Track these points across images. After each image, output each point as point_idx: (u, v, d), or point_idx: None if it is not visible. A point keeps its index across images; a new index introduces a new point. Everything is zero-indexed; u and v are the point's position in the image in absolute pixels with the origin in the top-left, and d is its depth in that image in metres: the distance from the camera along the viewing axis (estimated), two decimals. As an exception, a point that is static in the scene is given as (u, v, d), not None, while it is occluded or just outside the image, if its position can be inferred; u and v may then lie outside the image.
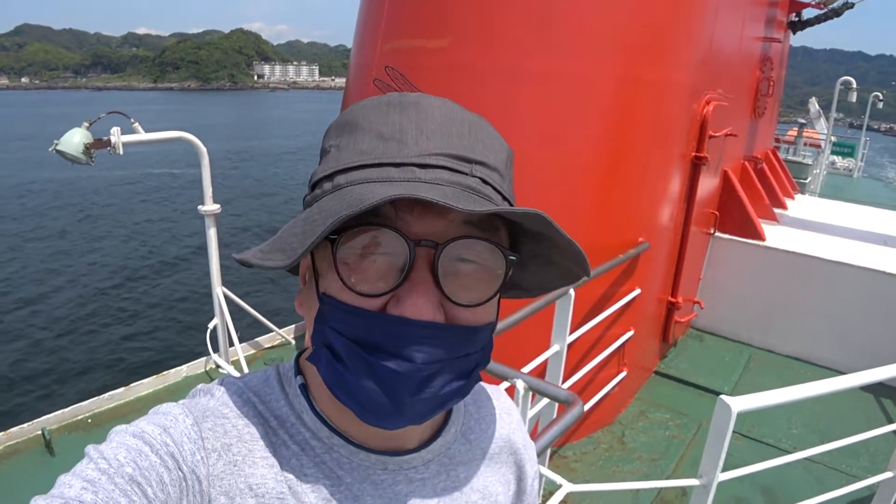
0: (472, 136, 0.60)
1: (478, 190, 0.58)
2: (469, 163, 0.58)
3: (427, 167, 0.56)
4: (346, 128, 0.61)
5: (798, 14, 7.22)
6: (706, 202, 5.10)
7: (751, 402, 2.15)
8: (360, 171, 0.58)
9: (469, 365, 0.61)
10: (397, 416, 0.59)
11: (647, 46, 3.77)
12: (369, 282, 0.56)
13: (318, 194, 0.61)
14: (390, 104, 0.61)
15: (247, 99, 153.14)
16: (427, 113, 0.60)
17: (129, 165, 28.91)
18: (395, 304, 0.56)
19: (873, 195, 14.32)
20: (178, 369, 4.72)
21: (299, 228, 0.57)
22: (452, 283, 0.57)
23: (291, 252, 0.54)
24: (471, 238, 0.57)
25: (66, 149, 3.60)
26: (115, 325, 11.68)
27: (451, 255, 0.57)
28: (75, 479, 0.52)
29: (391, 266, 0.56)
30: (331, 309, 0.58)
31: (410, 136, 0.58)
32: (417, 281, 0.56)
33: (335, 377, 0.59)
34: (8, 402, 8.86)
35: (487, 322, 0.62)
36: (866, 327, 4.98)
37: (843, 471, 3.82)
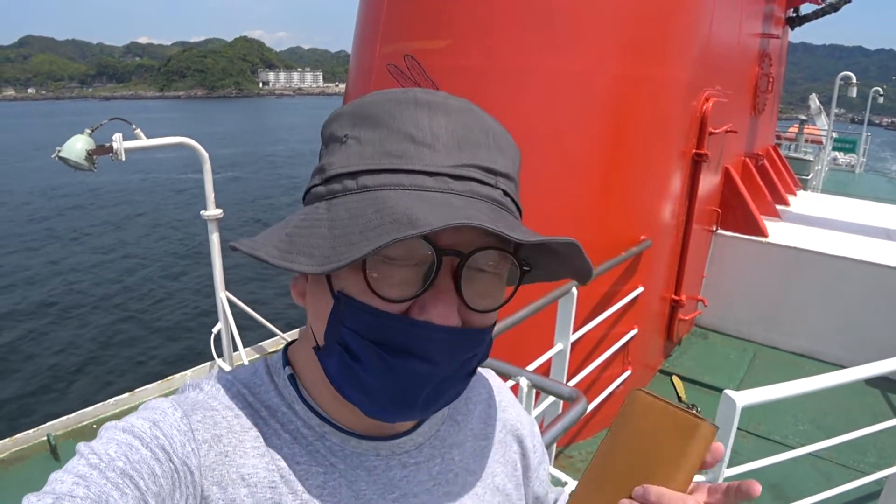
0: (496, 145, 0.61)
1: (501, 203, 0.59)
2: (495, 175, 0.60)
3: (461, 179, 0.57)
4: (367, 121, 0.60)
5: (796, 9, 7.22)
6: (708, 199, 5.09)
7: (755, 397, 2.14)
8: (390, 175, 0.57)
9: (474, 363, 0.64)
10: (409, 413, 0.61)
11: (646, 44, 3.78)
12: (395, 287, 0.57)
13: (336, 190, 0.59)
14: (417, 103, 0.60)
15: (255, 105, 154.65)
16: (454, 117, 0.60)
17: (136, 170, 29.03)
18: (420, 310, 0.57)
19: (876, 190, 14.28)
20: (183, 374, 4.74)
21: (325, 230, 0.56)
22: (471, 291, 0.58)
23: (323, 259, 0.53)
24: (492, 249, 0.58)
25: (68, 156, 3.62)
26: (119, 330, 11.71)
27: (472, 265, 0.58)
28: (67, 475, 0.53)
29: (416, 272, 0.57)
30: (350, 310, 0.58)
31: (441, 142, 0.58)
32: (441, 289, 0.57)
33: (348, 375, 0.59)
34: (14, 408, 8.89)
35: (494, 323, 0.65)
36: (871, 322, 4.97)
37: (851, 466, 3.81)
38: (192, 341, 10.95)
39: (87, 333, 11.55)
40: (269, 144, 48.65)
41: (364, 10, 4.19)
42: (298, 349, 0.70)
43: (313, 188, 0.62)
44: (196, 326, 11.51)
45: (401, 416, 0.62)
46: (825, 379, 2.29)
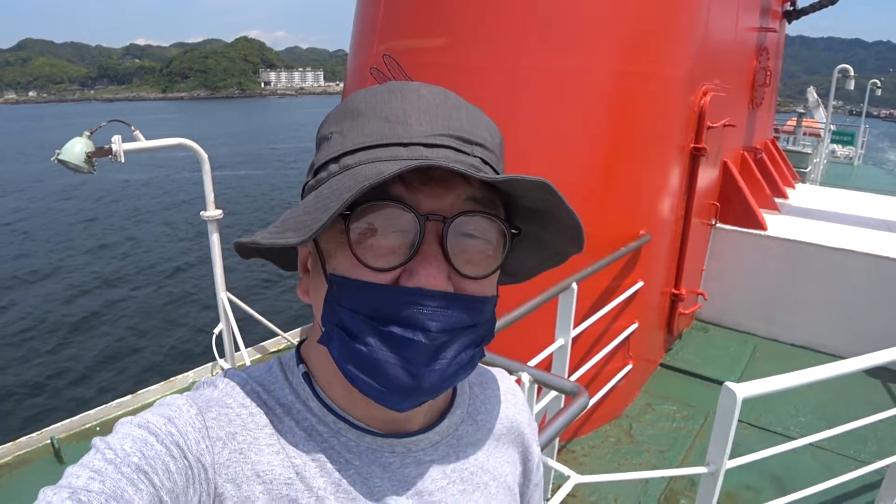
0: (471, 121, 0.63)
1: (479, 168, 0.60)
2: (470, 143, 0.61)
3: (433, 146, 0.59)
4: (349, 114, 0.63)
5: (793, 3, 7.21)
6: (706, 193, 5.10)
7: (756, 388, 2.15)
8: (368, 152, 0.59)
9: (476, 337, 0.63)
10: (414, 391, 0.60)
11: (642, 39, 3.78)
12: (382, 257, 0.58)
13: (323, 177, 0.62)
14: (391, 91, 0.63)
15: (259, 105, 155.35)
16: (427, 99, 0.62)
17: (140, 170, 29.02)
18: (409, 277, 0.58)
19: (874, 182, 14.29)
20: (185, 375, 4.75)
21: (311, 207, 0.58)
22: (460, 257, 0.60)
23: (307, 229, 0.55)
24: (476, 213, 0.59)
25: (68, 158, 3.62)
26: (121, 332, 11.72)
27: (458, 230, 0.59)
28: (82, 470, 0.53)
29: (402, 241, 0.58)
30: (342, 289, 0.60)
31: (414, 118, 0.60)
32: (428, 254, 0.58)
33: (350, 355, 0.60)
34: (17, 411, 8.90)
35: (491, 295, 0.64)
36: (870, 313, 4.98)
37: (852, 456, 3.83)
38: (193, 342, 10.96)
39: (88, 336, 11.56)
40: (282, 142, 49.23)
41: (362, 9, 4.19)
42: (310, 347, 0.71)
43: (307, 184, 0.65)
44: (197, 327, 11.52)
45: (407, 396, 0.60)
46: (825, 370, 2.30)
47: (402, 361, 0.58)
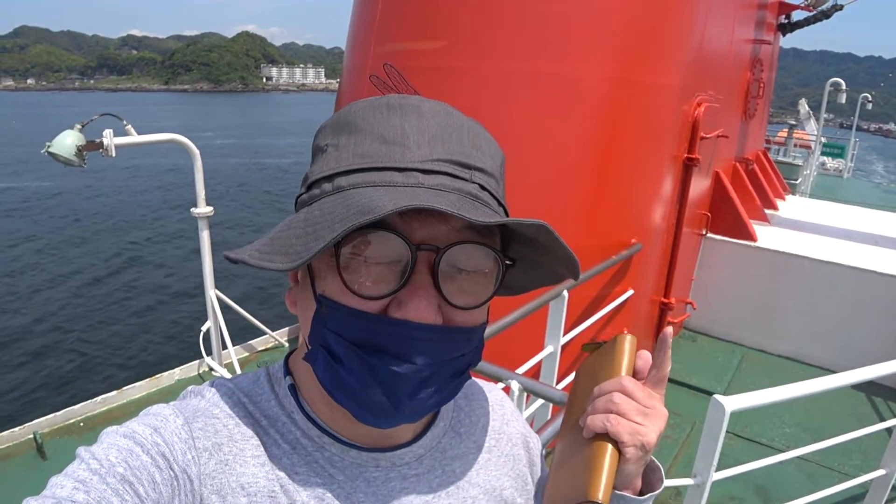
0: (471, 143, 0.61)
1: (477, 196, 0.59)
2: (469, 169, 0.60)
3: (429, 173, 0.57)
4: (345, 128, 0.62)
5: (787, 16, 7.27)
6: (698, 203, 5.12)
7: (744, 402, 2.16)
8: (362, 174, 0.58)
9: (462, 364, 0.63)
10: (394, 416, 0.60)
11: (638, 49, 3.80)
12: (372, 284, 0.57)
13: (316, 194, 0.60)
14: (390, 107, 0.61)
15: (263, 100, 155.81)
16: (427, 117, 0.60)
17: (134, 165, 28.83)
18: (397, 307, 0.57)
19: (863, 195, 14.42)
20: (171, 372, 4.70)
21: (300, 230, 0.57)
22: (451, 287, 0.58)
23: (296, 256, 0.54)
24: (469, 243, 0.58)
25: (58, 151, 3.58)
26: (107, 328, 11.61)
27: (450, 260, 0.58)
28: (67, 480, 0.52)
29: (392, 269, 0.57)
30: (330, 311, 0.59)
31: (412, 140, 0.59)
32: (419, 284, 0.57)
33: (333, 378, 0.59)
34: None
35: (481, 323, 0.64)
36: (857, 326, 5.02)
37: (836, 469, 3.85)
38: (180, 339, 10.87)
39: (74, 330, 11.44)
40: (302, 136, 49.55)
41: (359, 9, 4.18)
42: (297, 359, 0.70)
43: (299, 197, 0.64)
44: (185, 324, 11.43)
45: (387, 420, 0.60)
46: (813, 384, 2.31)
47: (386, 391, 0.58)
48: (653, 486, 0.76)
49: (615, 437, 0.67)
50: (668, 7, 3.93)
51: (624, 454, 0.67)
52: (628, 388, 0.70)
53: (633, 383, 0.70)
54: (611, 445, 0.67)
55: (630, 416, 0.67)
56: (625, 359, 0.75)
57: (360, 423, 0.63)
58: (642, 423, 0.68)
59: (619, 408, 0.68)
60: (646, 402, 0.69)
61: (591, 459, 0.68)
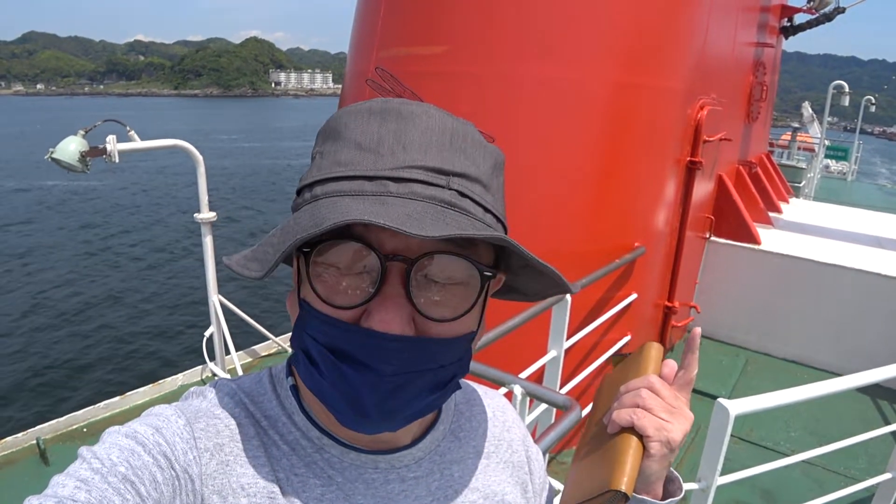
0: (454, 147, 0.59)
1: (453, 204, 0.57)
2: (446, 175, 0.58)
3: (401, 181, 0.56)
4: (330, 134, 0.62)
5: (790, 19, 7.27)
6: (701, 207, 5.11)
7: (748, 405, 2.15)
8: (335, 184, 0.58)
9: (445, 376, 0.62)
10: (365, 423, 0.60)
11: (641, 52, 3.79)
12: (342, 294, 0.57)
13: (299, 203, 0.61)
14: (371, 112, 0.60)
15: (274, 105, 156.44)
16: (408, 121, 0.59)
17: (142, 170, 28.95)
18: (367, 317, 0.57)
19: (867, 198, 14.38)
20: (174, 378, 4.70)
21: (276, 238, 0.57)
22: (424, 298, 0.57)
23: (265, 263, 0.55)
24: (444, 253, 0.57)
25: (61, 157, 3.59)
26: (110, 333, 11.62)
27: (424, 270, 0.57)
28: (69, 479, 0.53)
29: (365, 279, 0.57)
30: (308, 316, 0.59)
31: (386, 146, 0.58)
32: (388, 295, 0.56)
33: (311, 380, 0.60)
34: (2, 411, 8.80)
35: (464, 333, 0.62)
36: (862, 329, 5.00)
37: (842, 473, 3.82)
38: (184, 345, 10.89)
39: (77, 336, 11.46)
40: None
41: (361, 14, 4.19)
42: None
43: (294, 202, 0.65)
44: (188, 330, 11.45)
45: (363, 426, 0.60)
46: (818, 387, 2.30)
47: (353, 397, 0.58)
48: (672, 495, 0.76)
49: (640, 430, 0.68)
50: (670, 10, 3.93)
51: (648, 449, 0.68)
52: (655, 385, 0.71)
53: (660, 382, 0.72)
54: (635, 438, 0.68)
55: (656, 412, 0.69)
56: (651, 363, 0.76)
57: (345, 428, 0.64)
58: (668, 420, 0.69)
59: (646, 402, 0.69)
60: (672, 401, 0.71)
61: (615, 452, 0.68)
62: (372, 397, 0.57)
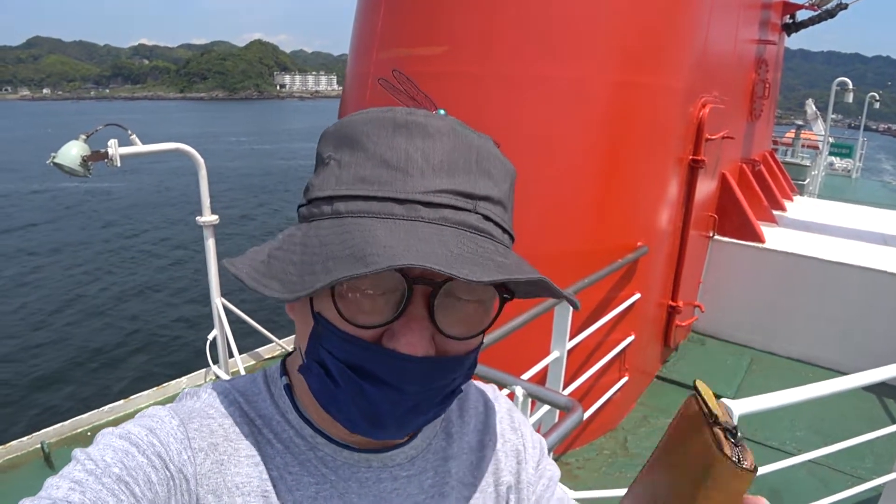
0: (479, 167, 0.59)
1: (479, 228, 0.57)
2: (473, 199, 0.58)
3: (431, 206, 0.56)
4: (348, 142, 0.60)
5: (792, 16, 7.25)
6: (704, 205, 5.09)
7: (753, 405, 2.13)
8: (362, 203, 0.56)
9: (453, 386, 0.63)
10: (381, 434, 0.61)
11: (642, 51, 3.78)
12: (365, 314, 0.56)
13: (315, 213, 0.59)
14: (396, 125, 0.59)
15: (280, 107, 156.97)
16: (435, 140, 0.58)
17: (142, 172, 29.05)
18: (390, 338, 0.57)
19: (872, 195, 14.32)
20: (178, 381, 4.71)
21: (297, 256, 0.56)
22: (446, 319, 0.58)
23: (291, 286, 0.54)
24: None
25: (63, 161, 3.59)
26: (114, 337, 11.66)
27: (449, 292, 0.57)
28: (63, 481, 0.53)
29: (388, 299, 0.56)
30: (325, 332, 0.59)
31: (416, 167, 0.57)
32: (413, 317, 0.56)
33: (325, 392, 0.60)
34: (7, 415, 8.83)
35: (476, 347, 0.63)
36: (868, 327, 4.97)
37: (849, 472, 3.80)
38: (187, 348, 10.91)
39: (81, 340, 11.50)
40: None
41: (361, 16, 4.19)
42: (294, 361, 0.70)
43: (301, 207, 0.63)
44: (191, 333, 11.47)
45: (377, 435, 0.61)
46: (823, 386, 2.28)
47: (374, 413, 0.58)
48: None
49: None
50: (671, 8, 3.92)
51: None
52: None
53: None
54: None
55: None
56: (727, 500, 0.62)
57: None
58: None
59: None
60: None
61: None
62: (392, 412, 0.58)
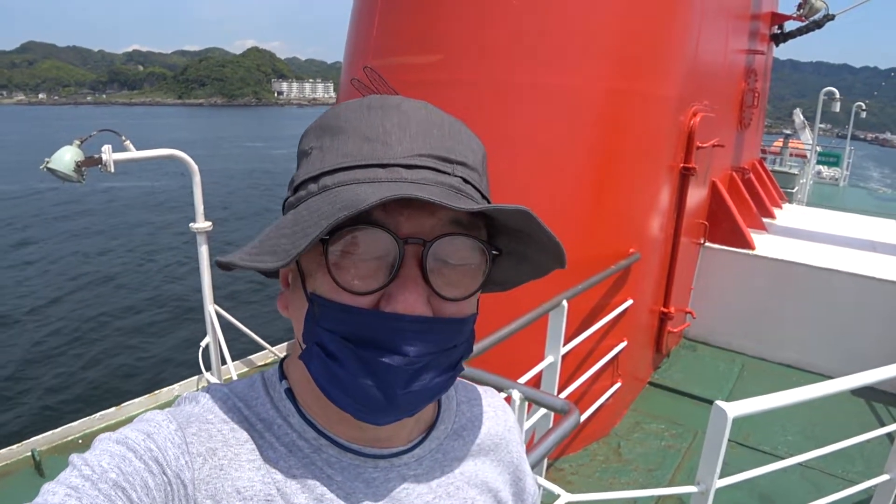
0: (452, 137, 0.63)
1: (460, 189, 0.60)
2: (451, 163, 0.61)
3: (412, 167, 0.58)
4: (328, 130, 0.63)
5: (780, 26, 7.34)
6: (695, 212, 5.14)
7: (746, 407, 2.15)
8: (347, 173, 0.59)
9: (455, 356, 0.64)
10: (390, 409, 0.60)
11: (634, 60, 3.83)
12: (361, 280, 0.58)
13: (302, 196, 0.61)
14: (371, 107, 0.63)
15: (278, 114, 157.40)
16: (408, 115, 0.62)
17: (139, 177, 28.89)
18: (387, 301, 0.58)
19: (859, 203, 14.46)
20: (170, 388, 4.69)
21: (288, 230, 0.58)
22: (439, 279, 0.59)
23: (284, 254, 0.55)
24: (456, 235, 0.59)
25: (57, 167, 3.59)
26: (106, 344, 11.57)
27: (438, 252, 0.59)
28: (59, 487, 0.52)
29: (381, 264, 0.58)
30: (322, 309, 0.59)
31: (394, 137, 0.60)
32: (407, 277, 0.58)
33: (328, 374, 0.60)
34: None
35: (471, 313, 0.64)
36: (857, 332, 5.02)
37: (840, 475, 3.83)
38: (179, 355, 10.84)
39: (72, 346, 11.40)
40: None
41: (355, 24, 4.21)
42: (292, 364, 0.70)
43: (286, 201, 0.65)
44: (184, 339, 11.40)
45: (384, 415, 0.61)
46: (814, 389, 2.31)
47: (380, 384, 0.58)
48: None
49: None
50: (662, 17, 3.97)
51: None
52: None
53: None
54: None
55: None
56: None
57: (358, 427, 0.64)
58: None
59: None
60: None
61: None
62: (397, 381, 0.58)
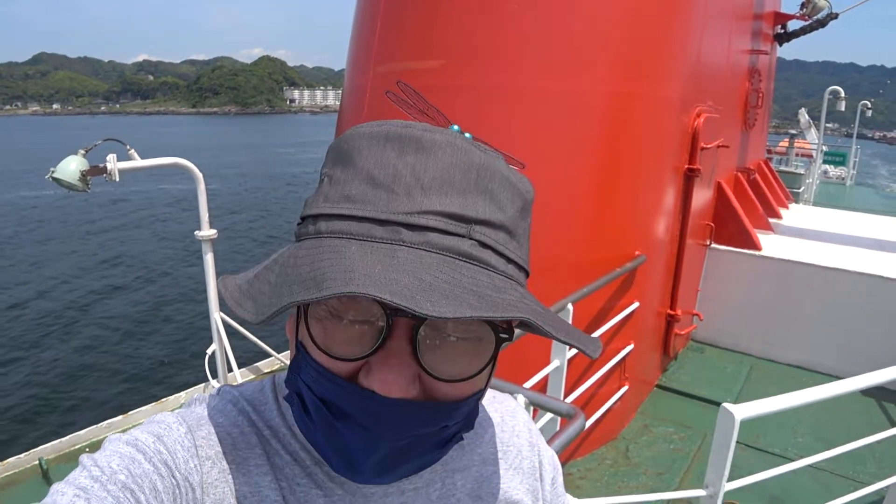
0: (479, 188, 0.53)
1: (471, 256, 0.51)
2: (467, 223, 0.52)
3: (415, 228, 0.50)
4: (342, 157, 0.56)
5: (783, 26, 7.32)
6: (701, 214, 5.11)
7: (753, 409, 2.13)
8: (342, 222, 0.52)
9: (447, 434, 0.58)
10: (359, 478, 0.57)
11: (637, 62, 3.82)
12: (342, 345, 0.52)
13: (302, 233, 0.57)
14: (388, 138, 0.54)
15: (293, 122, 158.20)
16: (429, 154, 0.53)
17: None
18: (366, 374, 0.52)
19: (866, 202, 14.38)
20: (177, 396, 4.70)
21: (273, 278, 0.52)
22: (433, 356, 0.52)
23: (261, 308, 0.50)
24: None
25: (62, 176, 3.61)
26: (113, 352, 11.62)
27: (434, 326, 0.51)
28: (68, 487, 0.52)
29: (370, 329, 0.52)
30: (304, 362, 0.56)
31: (402, 185, 0.52)
32: (392, 352, 0.51)
33: (303, 426, 0.59)
34: (5, 431, 8.78)
35: (472, 394, 0.57)
36: (865, 332, 4.97)
37: (851, 477, 3.79)
38: (186, 362, 10.87)
39: (79, 355, 11.45)
40: None
41: (358, 30, 4.23)
42: None
43: (297, 229, 0.60)
44: (190, 347, 11.44)
45: (355, 479, 0.58)
46: (823, 390, 2.29)
47: (348, 453, 0.55)
48: None
49: None
50: (665, 20, 3.96)
51: None
52: None
53: None
54: None
55: None
56: None
57: None
58: None
59: None
60: None
61: None
62: (367, 458, 0.54)
